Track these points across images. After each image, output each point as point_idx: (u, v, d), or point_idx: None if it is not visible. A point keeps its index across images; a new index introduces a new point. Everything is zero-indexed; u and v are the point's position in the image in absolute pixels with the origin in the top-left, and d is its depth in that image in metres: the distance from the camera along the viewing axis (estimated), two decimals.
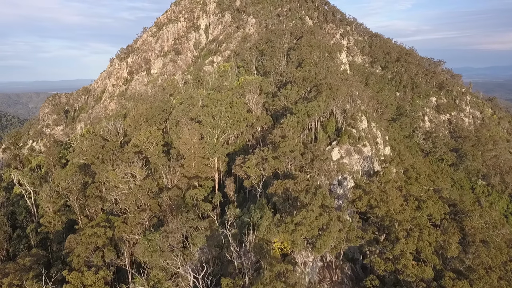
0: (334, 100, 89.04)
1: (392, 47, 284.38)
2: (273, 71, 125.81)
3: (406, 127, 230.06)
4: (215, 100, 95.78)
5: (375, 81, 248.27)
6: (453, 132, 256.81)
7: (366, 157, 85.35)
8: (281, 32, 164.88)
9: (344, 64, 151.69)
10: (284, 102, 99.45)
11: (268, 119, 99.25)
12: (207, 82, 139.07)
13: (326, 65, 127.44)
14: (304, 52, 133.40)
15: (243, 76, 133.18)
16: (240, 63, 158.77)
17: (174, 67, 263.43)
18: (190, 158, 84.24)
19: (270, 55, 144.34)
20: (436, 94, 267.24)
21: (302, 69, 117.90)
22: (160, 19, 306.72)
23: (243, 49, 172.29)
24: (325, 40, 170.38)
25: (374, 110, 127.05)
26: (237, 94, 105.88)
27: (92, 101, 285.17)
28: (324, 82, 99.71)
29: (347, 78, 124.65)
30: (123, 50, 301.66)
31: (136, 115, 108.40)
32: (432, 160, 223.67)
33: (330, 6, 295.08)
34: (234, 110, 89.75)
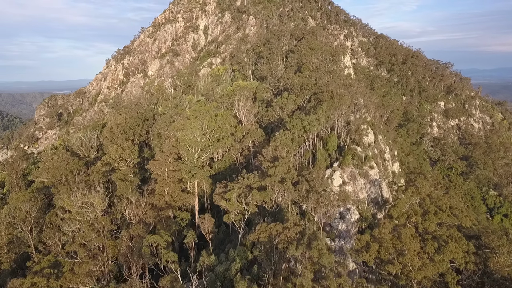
0: (336, 112, 76.40)
1: (398, 49, 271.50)
2: (269, 76, 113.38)
3: (413, 134, 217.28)
4: (198, 112, 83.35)
5: (380, 84, 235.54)
6: (462, 139, 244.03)
7: (373, 182, 73.04)
8: (281, 33, 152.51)
9: (348, 68, 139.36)
10: (279, 113, 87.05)
11: (260, 134, 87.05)
12: (198, 87, 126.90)
13: (328, 70, 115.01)
14: (304, 55, 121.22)
15: (238, 81, 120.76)
16: (236, 66, 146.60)
17: (171, 69, 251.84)
18: (163, 183, 71.69)
19: (268, 58, 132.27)
20: (444, 98, 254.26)
21: (302, 74, 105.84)
22: (158, 19, 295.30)
23: (239, 52, 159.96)
24: (327, 42, 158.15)
25: (382, 121, 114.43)
26: (228, 102, 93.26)
27: (87, 104, 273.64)
28: (325, 89, 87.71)
29: (351, 83, 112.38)
30: (120, 51, 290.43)
31: (113, 126, 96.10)
32: (440, 169, 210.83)
33: (334, 6, 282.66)
34: (219, 124, 77.39)
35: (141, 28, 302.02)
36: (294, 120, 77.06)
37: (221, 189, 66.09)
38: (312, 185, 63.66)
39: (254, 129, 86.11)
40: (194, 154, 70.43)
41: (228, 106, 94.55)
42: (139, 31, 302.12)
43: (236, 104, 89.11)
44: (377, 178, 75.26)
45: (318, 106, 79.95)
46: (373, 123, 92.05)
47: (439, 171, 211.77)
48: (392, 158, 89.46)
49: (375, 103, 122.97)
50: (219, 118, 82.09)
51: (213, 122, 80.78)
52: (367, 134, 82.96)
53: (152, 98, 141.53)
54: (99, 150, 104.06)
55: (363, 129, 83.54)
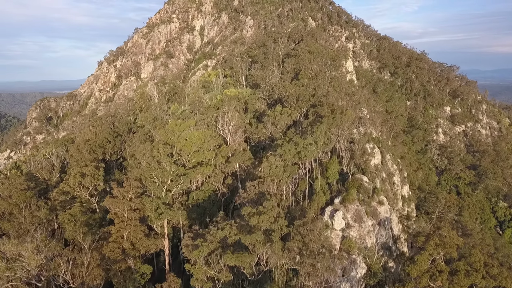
0: (338, 130, 63.75)
1: (401, 51, 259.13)
2: (263, 84, 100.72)
3: (419, 141, 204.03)
4: (172, 132, 70.66)
5: (383, 89, 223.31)
6: (469, 146, 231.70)
7: (383, 221, 60.48)
8: (278, 35, 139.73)
9: (350, 74, 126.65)
10: (271, 130, 74.38)
11: (248, 156, 74.54)
12: (186, 94, 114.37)
13: (328, 76, 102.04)
14: (303, 60, 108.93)
15: (229, 88, 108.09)
16: (228, 71, 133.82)
17: (165, 72, 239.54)
18: (122, 226, 58.81)
19: (262, 64, 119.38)
20: (450, 103, 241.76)
21: (299, 82, 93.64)
22: (152, 19, 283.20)
23: (232, 55, 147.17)
24: (328, 44, 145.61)
25: (389, 135, 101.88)
26: (211, 117, 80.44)
27: (78, 107, 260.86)
28: (325, 102, 74.80)
29: (354, 92, 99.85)
30: (112, 53, 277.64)
31: (81, 143, 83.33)
32: (447, 179, 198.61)
33: (335, 7, 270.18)
34: (196, 147, 64.81)
35: (135, 28, 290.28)
36: (287, 145, 64.63)
37: (189, 240, 53.27)
38: (306, 241, 50.96)
39: (240, 151, 73.56)
40: (162, 187, 57.96)
41: (211, 122, 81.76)
42: (133, 32, 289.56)
43: (221, 119, 76.49)
44: (388, 216, 62.73)
45: (316, 125, 67.60)
46: (379, 140, 79.66)
47: (446, 181, 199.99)
48: (402, 180, 77.08)
49: (380, 113, 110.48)
50: (195, 141, 69.47)
51: (189, 146, 68.25)
52: (373, 155, 70.50)
53: (134, 107, 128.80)
54: (65, 171, 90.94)
55: (369, 148, 71.10)
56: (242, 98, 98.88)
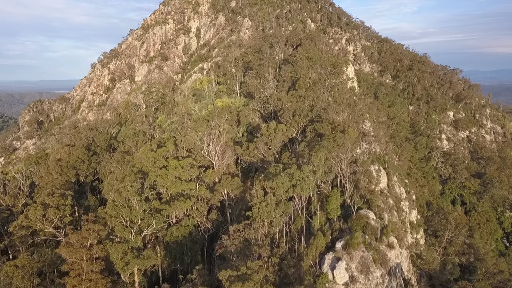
0: (339, 153, 55.28)
1: (403, 53, 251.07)
2: (257, 95, 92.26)
3: (422, 148, 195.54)
4: (144, 159, 61.89)
5: (385, 93, 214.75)
6: (474, 152, 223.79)
7: (393, 269, 51.82)
8: (275, 39, 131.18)
9: (352, 80, 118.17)
10: (263, 151, 65.89)
11: (236, 184, 65.84)
12: (176, 103, 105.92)
13: (328, 85, 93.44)
14: (301, 67, 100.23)
15: (222, 97, 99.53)
16: (222, 78, 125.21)
17: (160, 75, 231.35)
18: (78, 281, 49.84)
19: (257, 71, 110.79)
20: (454, 108, 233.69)
21: (296, 93, 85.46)
22: (147, 20, 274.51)
23: (226, 61, 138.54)
24: (328, 49, 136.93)
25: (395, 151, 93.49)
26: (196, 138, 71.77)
27: (70, 111, 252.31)
28: (325, 117, 66.47)
29: (356, 102, 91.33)
30: (106, 55, 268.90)
31: (51, 163, 74.69)
32: (451, 188, 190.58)
33: (335, 8, 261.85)
34: (173, 177, 56.22)
35: (130, 30, 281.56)
36: (281, 177, 56.02)
37: None
38: None
39: (228, 177, 65.02)
40: (130, 229, 49.48)
41: (196, 142, 73.03)
42: (128, 33, 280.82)
43: (206, 139, 67.87)
44: (398, 262, 54.09)
45: (314, 148, 59.08)
46: (385, 160, 71.32)
47: (450, 190, 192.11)
48: (410, 204, 68.81)
49: (384, 124, 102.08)
50: (173, 171, 60.88)
51: (165, 177, 59.70)
52: (378, 179, 62.11)
53: (120, 117, 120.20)
54: (30, 195, 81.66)
55: (374, 171, 62.79)
56: (234, 109, 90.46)
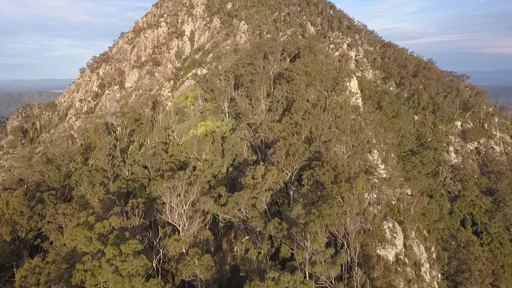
0: (346, 220, 41.19)
1: (408, 59, 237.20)
2: (246, 120, 78.04)
3: (429, 163, 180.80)
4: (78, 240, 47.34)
5: (389, 102, 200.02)
6: (483, 165, 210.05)
7: None
8: (270, 49, 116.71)
9: (356, 96, 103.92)
10: (245, 210, 51.54)
11: (206, 263, 51.00)
12: (154, 124, 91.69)
13: (329, 105, 79.13)
14: (298, 85, 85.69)
15: (207, 117, 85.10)
16: (209, 94, 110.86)
17: (151, 81, 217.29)
18: None
19: (248, 90, 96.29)
20: (461, 117, 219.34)
21: (291, 119, 70.62)
22: (139, 23, 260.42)
23: (214, 74, 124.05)
24: (328, 61, 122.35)
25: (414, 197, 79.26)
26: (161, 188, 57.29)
27: (57, 119, 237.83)
28: (326, 156, 52.45)
29: (362, 127, 76.81)
30: (96, 59, 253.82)
31: None
32: (461, 206, 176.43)
33: (336, 11, 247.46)
34: (112, 269, 42.02)
35: (121, 32, 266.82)
36: (266, 282, 41.69)
37: None
38: None
39: (195, 253, 50.56)
40: None
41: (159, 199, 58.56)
42: (119, 36, 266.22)
43: (169, 197, 53.55)
44: None
45: (310, 225, 44.74)
46: (399, 210, 57.30)
47: (459, 209, 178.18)
48: (431, 266, 54.84)
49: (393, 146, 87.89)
50: (104, 266, 46.47)
51: (97, 274, 45.31)
52: (393, 241, 48.13)
53: (89, 141, 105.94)
54: None
55: (388, 231, 48.91)
56: (220, 134, 76.38)
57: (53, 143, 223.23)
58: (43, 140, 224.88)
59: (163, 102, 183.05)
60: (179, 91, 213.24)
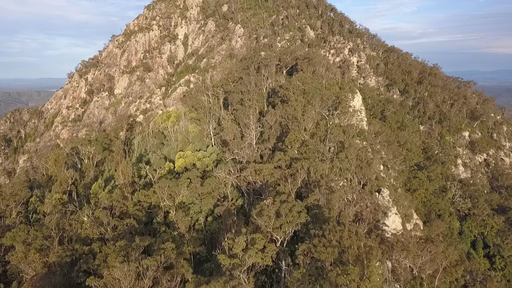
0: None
1: (412, 65, 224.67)
2: (232, 153, 64.84)
3: (437, 178, 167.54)
4: None
5: (393, 111, 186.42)
6: (493, 179, 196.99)
7: None
8: (264, 60, 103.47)
9: (360, 116, 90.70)
10: None
11: None
12: (131, 149, 78.56)
13: (331, 130, 65.86)
14: (294, 107, 72.38)
15: (189, 141, 71.91)
16: (194, 113, 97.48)
17: (141, 87, 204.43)
18: None
19: (236, 112, 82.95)
20: (469, 127, 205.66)
21: (286, 155, 57.42)
22: (130, 26, 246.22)
23: (200, 91, 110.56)
24: (329, 74, 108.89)
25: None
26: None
27: (42, 127, 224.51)
28: (327, 215, 39.36)
29: (368, 160, 63.64)
30: (85, 63, 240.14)
31: None
32: (471, 226, 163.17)
33: (337, 14, 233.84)
34: None
35: (112, 35, 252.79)
36: None
37: None
38: None
39: None
40: None
41: None
42: (109, 39, 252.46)
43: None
44: None
45: None
46: (422, 283, 44.20)
47: (470, 229, 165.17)
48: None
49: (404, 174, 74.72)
50: None
51: None
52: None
53: (51, 171, 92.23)
54: None
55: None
56: (202, 167, 63.24)
57: (38, 152, 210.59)
58: (28, 150, 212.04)
59: (150, 113, 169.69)
60: (171, 98, 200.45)
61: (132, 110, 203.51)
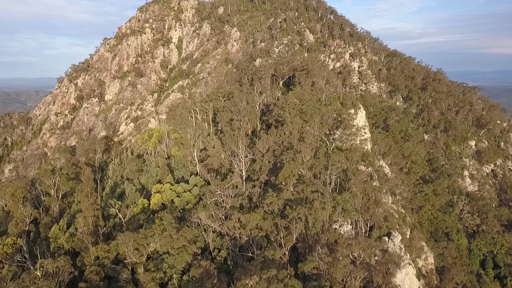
0: None
1: (415, 70, 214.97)
2: (213, 194, 54.20)
3: (443, 193, 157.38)
4: None
5: (396, 120, 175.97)
6: (501, 191, 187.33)
7: None
8: (258, 72, 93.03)
9: (364, 136, 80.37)
10: None
11: None
12: (106, 175, 67.96)
13: (332, 160, 55.50)
14: (290, 131, 61.82)
15: (167, 176, 61.53)
16: (178, 134, 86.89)
17: (133, 94, 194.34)
18: None
19: (224, 135, 72.39)
20: (475, 136, 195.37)
21: (279, 198, 46.98)
22: (122, 28, 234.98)
23: (185, 108, 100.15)
24: (329, 88, 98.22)
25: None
26: None
27: (30, 134, 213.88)
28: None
29: (377, 197, 53.09)
30: (75, 67, 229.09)
31: None
32: (480, 245, 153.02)
33: (337, 16, 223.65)
34: None
35: (104, 38, 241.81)
36: None
37: None
38: None
39: None
40: None
41: None
42: (101, 43, 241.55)
43: None
44: None
45: None
46: None
47: (479, 247, 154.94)
48: None
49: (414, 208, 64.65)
50: None
51: None
52: None
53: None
54: None
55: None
56: (182, 203, 52.88)
57: (25, 162, 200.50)
58: (14, 159, 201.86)
59: (141, 120, 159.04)
60: (164, 105, 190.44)
61: (123, 118, 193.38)
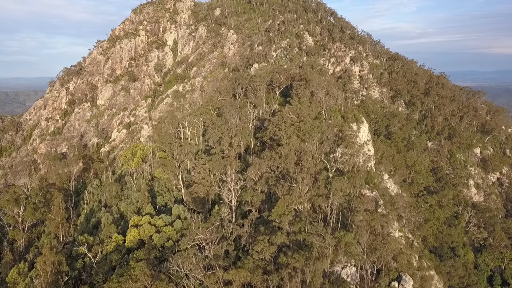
0: None
1: (418, 73, 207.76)
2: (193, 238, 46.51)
3: (449, 205, 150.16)
4: None
5: (399, 127, 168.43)
6: (507, 201, 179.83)
7: None
8: (253, 83, 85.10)
9: (367, 155, 72.87)
10: None
11: None
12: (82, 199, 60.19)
13: (333, 188, 47.94)
14: (286, 153, 54.31)
15: (148, 204, 53.98)
16: (164, 153, 79.22)
17: (126, 98, 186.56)
18: None
19: (211, 159, 64.73)
20: (480, 142, 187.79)
21: (272, 243, 39.86)
22: (116, 31, 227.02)
23: (171, 124, 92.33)
24: (330, 99, 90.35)
25: None
26: None
27: (20, 140, 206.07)
28: None
29: (385, 235, 45.69)
30: (67, 71, 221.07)
31: None
32: (487, 260, 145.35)
33: (337, 18, 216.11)
34: None
35: (97, 41, 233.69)
36: None
37: None
38: None
39: None
40: None
41: None
42: (94, 45, 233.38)
43: None
44: None
45: None
46: None
47: (485, 262, 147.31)
48: None
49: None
50: None
51: None
52: None
53: None
54: None
55: None
56: (159, 242, 45.27)
57: (14, 169, 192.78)
58: (3, 165, 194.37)
59: (134, 127, 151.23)
60: (157, 110, 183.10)
61: (115, 124, 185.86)
